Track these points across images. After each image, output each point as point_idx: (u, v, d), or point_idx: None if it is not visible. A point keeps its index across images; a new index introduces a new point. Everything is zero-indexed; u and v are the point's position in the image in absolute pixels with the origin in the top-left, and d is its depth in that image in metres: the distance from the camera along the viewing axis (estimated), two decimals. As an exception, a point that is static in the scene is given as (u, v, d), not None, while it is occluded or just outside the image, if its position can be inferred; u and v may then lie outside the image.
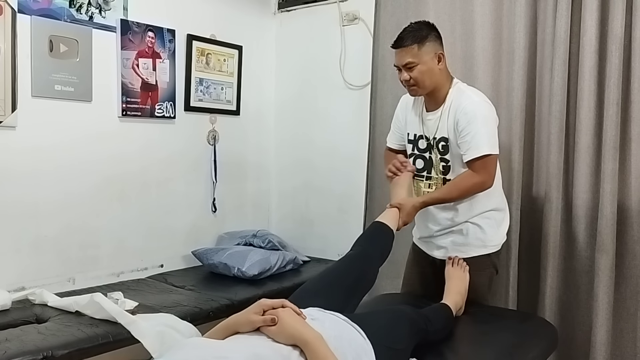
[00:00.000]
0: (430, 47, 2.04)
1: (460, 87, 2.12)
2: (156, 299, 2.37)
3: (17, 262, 2.38)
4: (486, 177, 2.04)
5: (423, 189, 2.21)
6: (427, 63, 2.03)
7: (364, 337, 1.45)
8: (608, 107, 2.23)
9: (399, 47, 2.05)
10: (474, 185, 2.04)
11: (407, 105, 2.28)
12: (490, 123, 2.06)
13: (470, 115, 2.01)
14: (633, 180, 2.25)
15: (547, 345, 2.02)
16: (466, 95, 2.07)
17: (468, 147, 2.01)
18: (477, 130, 2.00)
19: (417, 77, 2.04)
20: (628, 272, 2.27)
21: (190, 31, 3.00)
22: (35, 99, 2.39)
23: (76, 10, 2.51)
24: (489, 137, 2.02)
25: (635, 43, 2.21)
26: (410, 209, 2.06)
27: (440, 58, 2.07)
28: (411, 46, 2.02)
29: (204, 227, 3.16)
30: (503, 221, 2.22)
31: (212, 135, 3.18)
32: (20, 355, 1.73)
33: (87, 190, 2.60)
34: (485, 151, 1.99)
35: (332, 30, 3.25)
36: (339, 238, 3.27)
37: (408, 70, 2.04)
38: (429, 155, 2.18)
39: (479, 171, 2.02)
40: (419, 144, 2.21)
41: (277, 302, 1.36)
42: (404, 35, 2.05)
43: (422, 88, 2.08)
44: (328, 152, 3.31)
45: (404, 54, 2.04)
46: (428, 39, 2.04)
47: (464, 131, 2.01)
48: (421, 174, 2.21)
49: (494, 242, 2.18)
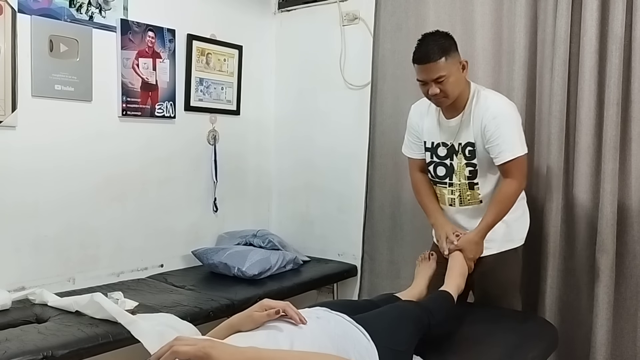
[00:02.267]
0: (454, 56, 2.02)
1: (481, 91, 2.11)
2: (156, 299, 2.37)
3: (17, 261, 2.38)
4: (521, 178, 2.06)
5: (447, 195, 2.21)
6: (455, 73, 2.01)
7: (368, 339, 1.45)
8: (608, 107, 2.23)
9: (427, 61, 1.99)
10: (516, 191, 2.07)
11: (421, 114, 2.26)
12: (517, 123, 2.07)
13: (499, 120, 2.01)
14: (633, 180, 2.25)
15: (547, 345, 2.02)
16: (490, 99, 2.07)
17: (500, 150, 2.01)
18: (507, 133, 2.01)
19: (448, 89, 2.01)
20: (628, 272, 2.27)
21: (191, 31, 3.00)
22: (35, 99, 2.39)
23: (76, 10, 2.51)
24: (519, 138, 2.03)
25: (636, 43, 2.21)
26: (473, 247, 2.07)
27: (465, 66, 2.06)
28: (440, 59, 1.97)
29: (204, 226, 3.16)
30: (525, 212, 2.23)
31: (212, 135, 3.18)
32: (20, 355, 1.73)
33: (87, 190, 2.60)
34: (518, 152, 2.01)
35: (332, 30, 3.25)
36: (339, 238, 3.28)
37: (438, 84, 2.00)
38: (449, 162, 2.17)
39: (513, 173, 2.03)
40: (438, 151, 2.20)
41: (281, 304, 1.36)
42: (428, 49, 1.99)
43: (451, 99, 2.05)
44: (328, 152, 3.31)
45: (434, 69, 1.98)
46: (451, 49, 2.01)
47: (493, 135, 2.01)
48: (443, 181, 2.21)
49: (520, 235, 2.19)
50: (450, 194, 2.20)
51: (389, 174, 2.94)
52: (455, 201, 2.20)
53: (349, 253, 3.20)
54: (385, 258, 2.96)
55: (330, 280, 3.07)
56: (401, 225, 2.91)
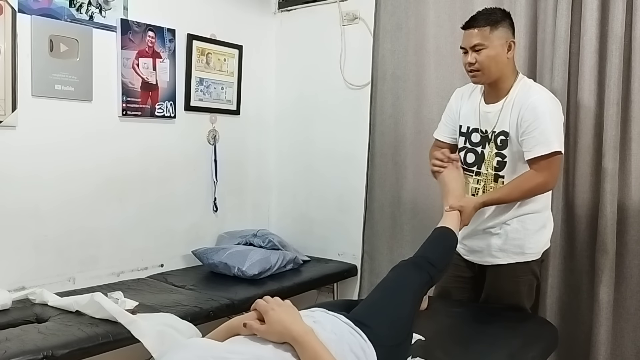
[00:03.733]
0: (502, 32, 1.95)
1: (527, 82, 2.03)
2: (156, 299, 2.37)
3: (17, 261, 2.38)
4: (549, 178, 1.95)
5: (472, 184, 2.11)
6: (496, 48, 1.93)
7: (365, 339, 1.44)
8: (608, 107, 2.23)
9: (470, 27, 1.95)
10: (537, 185, 1.95)
11: (463, 97, 2.19)
12: (558, 120, 1.98)
13: (538, 111, 1.91)
14: (633, 180, 2.25)
15: (548, 345, 2.02)
16: (534, 90, 1.99)
17: (535, 143, 1.91)
18: (545, 127, 1.90)
19: (484, 61, 1.94)
20: (628, 272, 2.27)
21: (191, 31, 3.00)
22: (35, 99, 2.39)
23: (76, 9, 2.51)
24: (557, 134, 1.93)
25: (636, 43, 2.21)
26: (471, 211, 1.97)
27: (511, 46, 1.97)
28: (483, 27, 1.92)
29: (204, 226, 3.16)
30: (545, 227, 2.10)
31: (213, 135, 3.18)
32: (21, 355, 1.72)
33: (87, 190, 2.60)
34: (555, 147, 1.90)
35: (332, 30, 3.25)
36: (339, 238, 3.28)
37: (475, 53, 1.94)
38: (481, 149, 2.08)
39: (542, 170, 1.92)
40: (471, 137, 2.11)
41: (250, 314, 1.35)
42: (477, 16, 1.96)
43: (487, 75, 1.97)
44: (328, 151, 3.31)
45: (474, 35, 1.94)
46: (501, 24, 1.95)
47: (530, 127, 1.92)
48: (471, 169, 2.12)
49: (534, 249, 2.07)
50: (476, 183, 2.10)
51: (388, 174, 2.94)
52: (479, 191, 2.09)
53: (349, 253, 3.20)
54: (385, 258, 2.95)
55: (330, 280, 3.08)
56: (401, 225, 2.91)
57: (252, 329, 1.28)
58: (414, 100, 2.84)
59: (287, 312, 1.30)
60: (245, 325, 1.29)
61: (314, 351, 1.23)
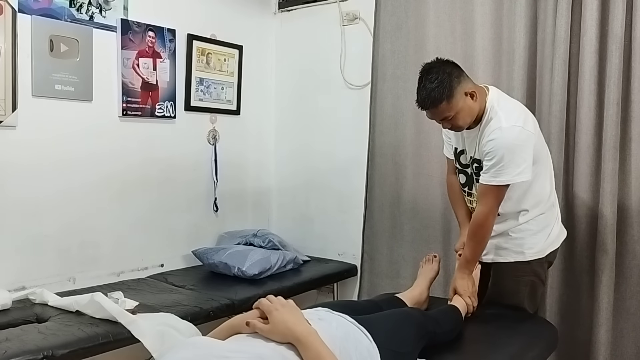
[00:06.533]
0: (459, 93, 1.89)
1: (494, 106, 1.95)
2: (156, 299, 2.37)
3: (17, 261, 2.38)
4: (484, 207, 1.96)
5: (468, 204, 2.19)
6: (462, 108, 1.90)
7: (370, 340, 1.45)
8: (608, 107, 2.24)
9: (428, 108, 1.92)
10: (482, 219, 1.97)
11: None
12: (515, 151, 1.89)
13: (493, 144, 1.90)
14: (633, 180, 2.25)
15: (547, 345, 2.02)
16: (496, 119, 1.93)
17: (484, 171, 1.95)
18: (496, 161, 1.89)
19: (458, 122, 1.94)
20: (628, 272, 2.28)
21: (191, 31, 3.00)
22: (35, 99, 2.39)
23: (76, 9, 2.51)
24: (507, 169, 1.89)
25: (636, 43, 2.21)
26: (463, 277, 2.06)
27: (474, 94, 1.92)
28: (440, 105, 1.88)
29: (204, 226, 3.16)
30: (547, 228, 2.09)
31: (213, 135, 3.18)
32: (21, 355, 1.73)
33: (87, 190, 2.60)
34: (492, 182, 1.91)
35: (332, 30, 3.25)
36: (339, 238, 3.28)
37: (447, 122, 1.94)
38: (470, 171, 2.11)
39: (481, 198, 1.97)
40: (460, 159, 2.14)
41: (252, 312, 1.35)
42: (427, 96, 1.89)
43: (466, 124, 1.97)
44: (328, 151, 3.31)
45: (437, 113, 1.92)
46: (455, 88, 1.88)
47: (486, 156, 1.93)
48: (464, 189, 2.18)
49: (534, 249, 2.07)
50: (469, 203, 2.17)
51: (388, 174, 2.94)
52: (474, 211, 2.11)
53: (349, 253, 3.20)
54: (385, 258, 2.96)
55: (330, 280, 3.08)
56: (401, 225, 2.91)
57: (255, 327, 1.28)
58: (414, 100, 2.83)
59: (290, 313, 1.30)
60: (248, 324, 1.29)
61: (317, 352, 1.23)
